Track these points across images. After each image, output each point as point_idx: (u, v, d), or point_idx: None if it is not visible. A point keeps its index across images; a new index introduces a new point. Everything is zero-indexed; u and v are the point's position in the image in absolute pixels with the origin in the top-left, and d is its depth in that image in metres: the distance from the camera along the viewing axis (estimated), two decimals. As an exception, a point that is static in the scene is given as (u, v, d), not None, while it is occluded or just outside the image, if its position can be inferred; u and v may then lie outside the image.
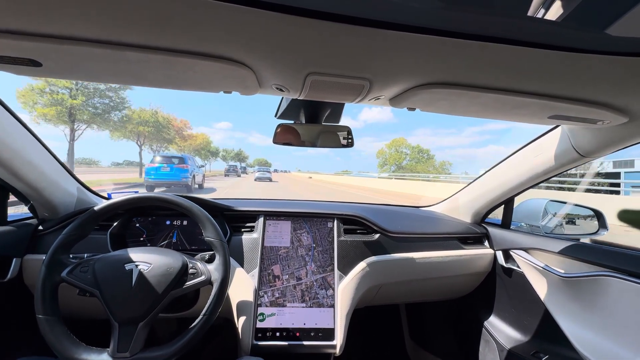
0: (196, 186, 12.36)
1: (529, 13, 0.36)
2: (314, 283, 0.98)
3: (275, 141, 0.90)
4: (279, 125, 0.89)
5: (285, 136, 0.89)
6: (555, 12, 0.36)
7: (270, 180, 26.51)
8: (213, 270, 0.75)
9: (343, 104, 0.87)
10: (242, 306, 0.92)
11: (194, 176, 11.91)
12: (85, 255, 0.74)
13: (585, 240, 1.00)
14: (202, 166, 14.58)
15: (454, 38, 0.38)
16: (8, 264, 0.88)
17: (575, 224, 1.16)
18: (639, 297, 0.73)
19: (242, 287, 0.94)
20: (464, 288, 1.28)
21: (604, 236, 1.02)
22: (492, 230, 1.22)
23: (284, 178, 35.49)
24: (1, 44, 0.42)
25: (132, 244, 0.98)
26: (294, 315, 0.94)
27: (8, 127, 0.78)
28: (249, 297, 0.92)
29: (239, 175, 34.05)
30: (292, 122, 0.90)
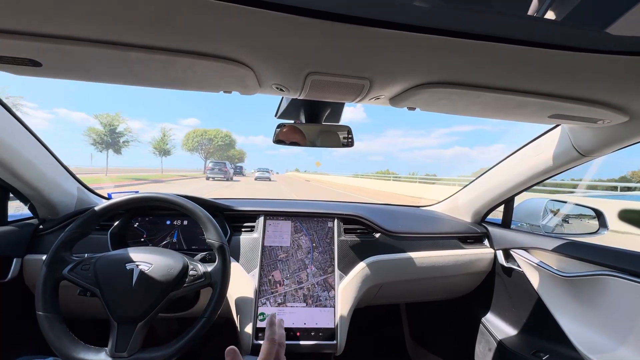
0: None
1: (529, 12, 0.36)
2: (316, 286, 0.98)
3: (276, 141, 0.90)
4: (279, 125, 0.89)
5: (285, 136, 0.89)
6: (555, 11, 0.36)
7: (270, 179, 28.13)
8: (213, 272, 0.75)
9: (343, 104, 0.87)
10: (243, 306, 0.92)
11: None
12: (86, 255, 0.74)
13: (586, 239, 1.00)
14: None
15: (454, 37, 0.38)
16: (8, 264, 0.87)
17: (575, 223, 1.16)
18: (639, 296, 0.73)
19: (243, 286, 0.94)
20: (464, 287, 1.27)
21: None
22: (492, 229, 1.22)
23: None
24: (1, 44, 0.42)
25: (132, 244, 0.98)
26: (294, 315, 0.94)
27: (8, 126, 0.78)
28: (249, 296, 0.92)
29: (228, 179, 22.94)
30: (292, 121, 0.90)
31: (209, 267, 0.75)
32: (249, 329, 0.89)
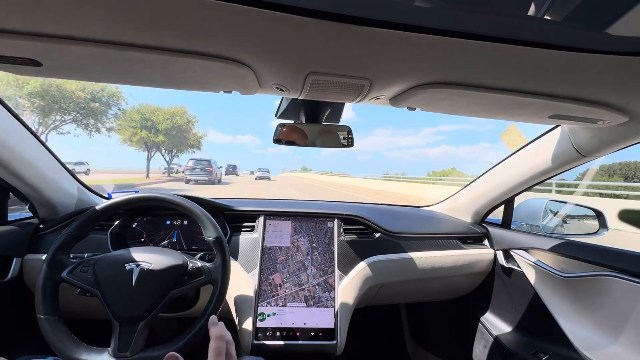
0: None
1: (530, 12, 0.36)
2: (316, 287, 0.98)
3: (276, 140, 0.90)
4: (279, 125, 0.89)
5: (285, 135, 0.89)
6: (555, 12, 0.36)
7: (269, 179, 29.34)
8: (213, 270, 0.75)
9: (343, 104, 0.87)
10: (242, 306, 0.92)
11: None
12: (86, 255, 0.74)
13: (586, 240, 1.00)
14: None
15: (455, 37, 0.38)
16: (8, 264, 0.88)
17: (575, 224, 1.16)
18: None
19: (242, 286, 0.94)
20: (464, 288, 1.27)
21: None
22: (492, 230, 1.22)
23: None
24: (1, 44, 0.42)
25: (132, 244, 0.98)
26: (294, 315, 0.94)
27: (8, 126, 0.78)
28: (249, 296, 0.92)
29: (214, 182, 18.60)
30: (292, 121, 0.90)
31: (209, 265, 0.75)
32: (248, 328, 0.89)
